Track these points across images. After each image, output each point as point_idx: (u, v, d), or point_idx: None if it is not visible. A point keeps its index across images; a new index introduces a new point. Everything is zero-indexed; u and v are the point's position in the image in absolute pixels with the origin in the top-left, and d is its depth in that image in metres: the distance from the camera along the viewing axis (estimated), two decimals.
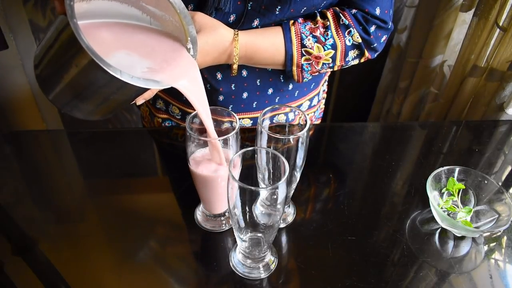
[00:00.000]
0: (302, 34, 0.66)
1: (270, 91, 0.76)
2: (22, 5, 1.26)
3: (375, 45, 0.70)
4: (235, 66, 0.66)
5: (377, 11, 0.68)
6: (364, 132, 0.86)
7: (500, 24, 0.99)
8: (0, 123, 1.40)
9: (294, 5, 0.64)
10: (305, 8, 0.66)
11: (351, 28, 0.67)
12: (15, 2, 1.23)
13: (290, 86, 0.78)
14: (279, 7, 0.64)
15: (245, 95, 0.76)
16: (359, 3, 0.67)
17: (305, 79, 0.72)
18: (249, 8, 0.64)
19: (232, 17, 0.65)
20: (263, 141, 0.53)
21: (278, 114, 0.81)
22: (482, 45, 1.05)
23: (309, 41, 0.67)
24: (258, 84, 0.75)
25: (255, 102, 0.77)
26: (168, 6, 0.49)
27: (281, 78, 0.75)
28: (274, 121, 0.81)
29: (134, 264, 0.57)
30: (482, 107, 1.11)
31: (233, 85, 0.74)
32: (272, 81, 0.75)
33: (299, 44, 0.67)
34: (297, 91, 0.80)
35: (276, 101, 0.78)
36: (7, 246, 0.59)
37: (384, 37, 0.71)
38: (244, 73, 0.73)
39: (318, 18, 0.67)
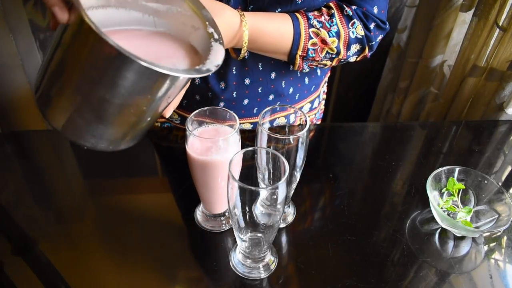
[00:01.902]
0: (309, 15, 0.65)
1: (271, 97, 0.76)
2: (22, 5, 1.26)
3: (373, 42, 0.69)
4: (243, 50, 0.63)
5: (375, 10, 0.68)
6: (364, 132, 0.86)
7: (500, 24, 0.99)
8: (0, 123, 1.40)
9: (295, 7, 0.64)
10: (305, 9, 0.66)
11: (355, 20, 0.66)
12: (15, 2, 1.23)
13: (291, 90, 0.77)
14: (279, 10, 0.64)
15: (246, 101, 0.76)
16: (357, 1, 0.67)
17: (304, 70, 0.71)
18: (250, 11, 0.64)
19: None
20: (263, 141, 0.53)
21: (278, 118, 0.80)
22: (482, 45, 1.05)
23: (316, 23, 0.65)
24: (260, 91, 0.75)
25: (256, 108, 0.77)
26: None
27: (282, 83, 0.75)
28: (274, 124, 0.81)
29: (134, 264, 0.57)
30: (482, 107, 1.11)
31: (235, 93, 0.74)
32: (273, 88, 0.75)
33: (307, 24, 0.65)
34: (298, 94, 0.80)
35: (277, 109, 0.78)
36: (7, 246, 0.59)
37: (380, 37, 0.71)
38: (247, 81, 0.73)
39: (323, 7, 0.67)
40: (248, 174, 0.54)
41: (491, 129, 0.87)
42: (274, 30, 0.63)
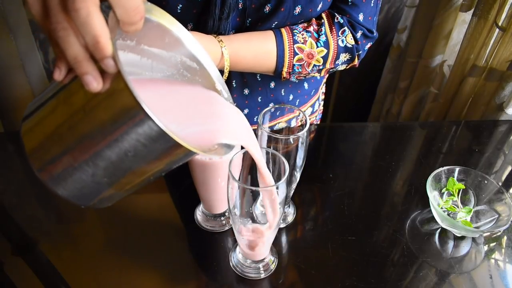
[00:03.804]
0: (294, 31, 0.64)
1: (271, 105, 0.77)
2: (22, 5, 1.26)
3: (360, 52, 0.68)
4: (225, 76, 0.63)
5: (361, 17, 0.66)
6: (364, 132, 0.86)
7: (500, 24, 0.99)
8: (2, 123, 1.40)
9: (292, 19, 0.64)
10: (302, 20, 0.65)
11: (345, 28, 0.65)
12: (15, 2, 1.23)
13: (291, 97, 0.77)
14: (276, 23, 0.63)
15: (246, 111, 0.76)
16: (341, 8, 0.66)
17: (292, 80, 0.71)
18: (248, 24, 0.63)
19: (231, 33, 0.64)
20: (263, 141, 0.53)
21: (279, 123, 0.80)
22: (482, 45, 1.05)
23: (302, 36, 0.64)
24: (259, 100, 0.75)
25: (256, 117, 0.78)
26: (177, 45, 0.41)
27: (282, 92, 0.75)
28: (275, 129, 0.81)
29: (134, 264, 0.57)
30: (482, 107, 1.11)
31: (235, 104, 0.74)
32: (273, 97, 0.75)
33: (291, 41, 0.64)
34: (298, 100, 0.80)
35: (278, 114, 0.78)
36: (7, 246, 0.59)
37: (369, 45, 0.70)
38: (246, 91, 0.73)
39: (313, 18, 0.67)
40: (248, 174, 0.54)
41: (491, 129, 0.87)
42: (255, 53, 0.63)
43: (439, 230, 0.63)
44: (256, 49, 0.63)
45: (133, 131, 0.30)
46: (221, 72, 0.62)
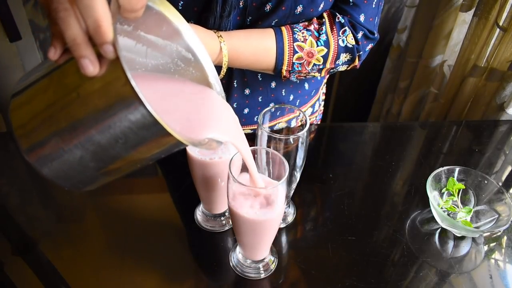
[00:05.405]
0: (294, 29, 0.64)
1: (272, 105, 0.77)
2: (22, 5, 1.26)
3: (361, 52, 0.68)
4: (223, 72, 0.63)
5: (362, 18, 0.66)
6: (364, 132, 0.86)
7: (500, 24, 0.99)
8: (0, 123, 1.40)
9: (293, 18, 0.64)
10: (303, 19, 0.65)
11: (346, 28, 0.65)
12: (15, 2, 1.23)
13: (291, 97, 0.77)
14: (276, 20, 0.63)
15: (246, 110, 0.76)
16: (343, 9, 0.66)
17: (293, 80, 0.71)
18: (248, 23, 0.63)
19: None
20: (263, 141, 0.53)
21: (279, 123, 0.80)
22: (482, 45, 1.05)
23: (302, 34, 0.64)
24: (260, 100, 0.75)
25: (256, 116, 0.78)
26: (174, 35, 0.41)
27: (282, 92, 0.75)
28: (275, 129, 0.81)
29: (134, 264, 0.57)
30: (482, 107, 1.11)
31: (235, 103, 0.74)
32: (274, 97, 0.75)
33: (291, 39, 0.64)
34: (298, 100, 0.79)
35: (278, 114, 0.78)
36: (7, 246, 0.59)
37: (370, 46, 0.70)
38: (247, 91, 0.73)
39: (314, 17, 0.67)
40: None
41: (491, 129, 0.87)
42: (254, 49, 0.62)
43: (439, 230, 0.63)
44: (255, 46, 0.63)
45: (127, 119, 0.30)
46: (219, 68, 0.62)
